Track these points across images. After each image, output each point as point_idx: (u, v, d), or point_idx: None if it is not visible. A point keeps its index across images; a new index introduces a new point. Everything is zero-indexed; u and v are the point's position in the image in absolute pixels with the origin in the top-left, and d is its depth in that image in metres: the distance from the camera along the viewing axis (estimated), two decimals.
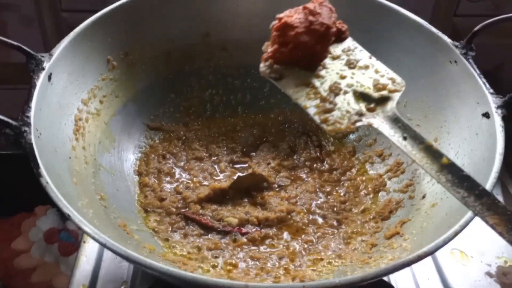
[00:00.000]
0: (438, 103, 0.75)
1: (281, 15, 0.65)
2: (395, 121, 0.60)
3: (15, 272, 1.06)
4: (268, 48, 0.66)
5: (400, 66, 0.80)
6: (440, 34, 0.76)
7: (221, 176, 0.80)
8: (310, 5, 0.64)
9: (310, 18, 0.63)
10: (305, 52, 0.63)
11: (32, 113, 0.59)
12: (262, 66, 0.66)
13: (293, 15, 0.63)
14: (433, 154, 0.55)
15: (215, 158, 0.82)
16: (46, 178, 0.54)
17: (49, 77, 0.65)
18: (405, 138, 0.58)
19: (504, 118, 0.65)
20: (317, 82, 0.64)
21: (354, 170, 0.81)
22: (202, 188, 0.75)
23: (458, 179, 0.54)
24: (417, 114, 0.78)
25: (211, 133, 0.86)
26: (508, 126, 0.65)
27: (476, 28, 0.73)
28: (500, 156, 0.61)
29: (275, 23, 0.65)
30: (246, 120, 0.88)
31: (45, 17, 0.97)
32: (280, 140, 0.86)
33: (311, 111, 0.62)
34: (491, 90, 0.68)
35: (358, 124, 0.61)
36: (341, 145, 0.84)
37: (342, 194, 0.78)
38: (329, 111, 0.62)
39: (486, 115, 0.66)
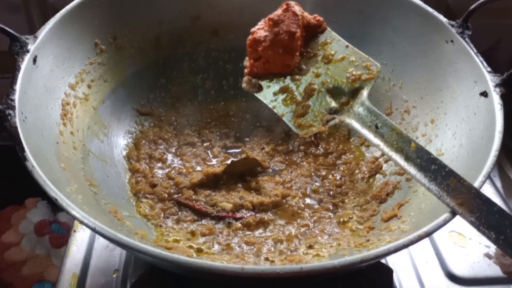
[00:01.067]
0: (434, 83, 0.74)
1: (253, 28, 0.69)
2: (368, 110, 0.64)
3: (5, 265, 1.04)
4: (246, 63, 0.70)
5: (394, 47, 0.80)
6: (435, 13, 0.74)
7: (214, 161, 0.78)
8: (274, 16, 0.67)
9: (275, 29, 0.66)
10: (277, 63, 0.67)
11: (16, 96, 0.57)
12: (243, 82, 0.70)
13: (261, 28, 0.67)
14: (404, 140, 0.59)
15: (208, 143, 0.81)
16: (32, 161, 0.52)
17: (34, 60, 0.63)
18: (377, 127, 0.62)
19: (502, 97, 0.64)
20: (293, 86, 0.67)
21: (349, 154, 0.79)
22: (195, 174, 0.74)
23: (426, 162, 0.57)
24: (413, 96, 0.77)
25: (203, 118, 0.84)
26: (505, 107, 0.63)
27: (472, 7, 0.71)
28: (500, 134, 0.59)
29: (249, 37, 0.68)
30: (238, 105, 0.86)
31: (31, 3, 0.95)
32: (274, 125, 0.84)
33: (287, 118, 0.67)
34: (489, 69, 0.67)
35: (331, 123, 0.66)
36: (336, 129, 0.83)
37: (338, 178, 0.76)
38: (303, 114, 0.67)
39: (484, 94, 0.65)
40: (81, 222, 0.49)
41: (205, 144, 0.81)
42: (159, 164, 0.76)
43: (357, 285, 0.64)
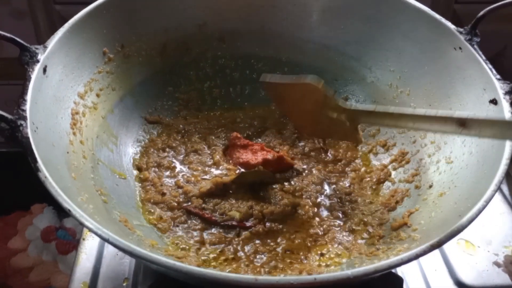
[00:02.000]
0: (443, 90, 0.74)
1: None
2: None
3: (12, 272, 1.05)
4: None
5: (402, 53, 0.80)
6: (443, 20, 0.75)
7: (221, 167, 0.78)
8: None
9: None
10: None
11: (28, 107, 0.57)
12: None
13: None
14: None
15: (215, 149, 0.80)
16: (45, 172, 0.52)
17: (44, 70, 0.63)
18: None
19: None
20: None
21: (358, 161, 0.79)
22: (203, 182, 0.74)
23: None
24: (421, 102, 0.76)
25: (210, 126, 0.84)
26: None
27: (480, 14, 0.71)
28: (511, 142, 0.59)
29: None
30: (246, 112, 0.86)
31: (37, 10, 0.95)
32: (282, 128, 0.84)
33: None
34: (498, 76, 0.67)
35: None
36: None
37: (347, 185, 0.76)
38: None
39: (494, 101, 0.65)
40: (95, 233, 0.49)
41: (212, 150, 0.80)
42: (168, 172, 0.76)
43: None
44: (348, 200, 0.74)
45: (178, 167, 0.77)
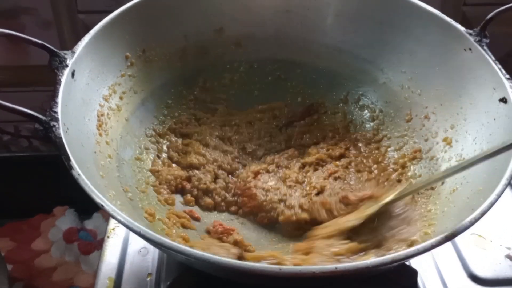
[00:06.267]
0: (454, 90, 0.76)
1: None
2: None
3: (36, 272, 1.08)
4: None
5: (413, 55, 0.82)
6: (453, 22, 0.77)
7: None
8: None
9: None
10: None
11: (59, 109, 0.60)
12: None
13: None
14: None
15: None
16: (78, 170, 0.55)
17: (73, 74, 0.66)
18: None
19: None
20: None
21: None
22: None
23: None
24: (432, 102, 0.79)
25: (227, 129, 0.86)
26: None
27: (489, 16, 0.74)
28: None
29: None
30: (262, 113, 0.88)
31: (62, 19, 0.99)
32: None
33: None
34: (508, 76, 0.69)
35: None
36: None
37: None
38: None
39: (504, 100, 0.67)
40: (126, 227, 0.52)
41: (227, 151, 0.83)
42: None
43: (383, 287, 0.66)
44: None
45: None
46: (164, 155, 0.80)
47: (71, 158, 0.56)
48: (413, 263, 0.74)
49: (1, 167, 1.15)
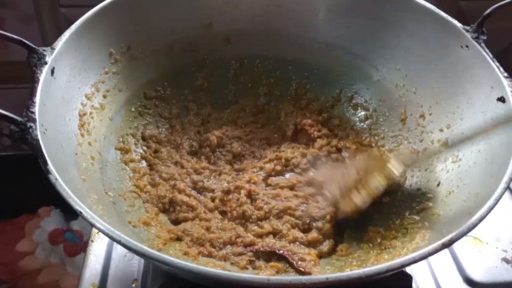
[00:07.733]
0: (450, 88, 0.74)
1: None
2: None
3: (21, 274, 1.05)
4: None
5: (408, 52, 0.80)
6: (449, 18, 0.74)
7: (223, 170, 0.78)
8: None
9: None
10: None
11: (37, 109, 0.57)
12: None
13: None
14: None
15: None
16: (55, 174, 0.52)
17: (52, 72, 0.63)
18: None
19: None
20: None
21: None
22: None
23: None
24: (428, 101, 0.76)
25: (218, 123, 0.83)
26: None
27: (487, 11, 0.71)
28: None
29: None
30: (251, 110, 0.86)
31: (43, 13, 0.96)
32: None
33: None
34: (506, 74, 0.66)
35: None
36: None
37: None
38: None
39: (502, 99, 0.65)
40: (107, 235, 0.49)
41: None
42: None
43: None
44: None
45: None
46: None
47: (49, 162, 0.53)
48: (407, 268, 0.72)
49: None
